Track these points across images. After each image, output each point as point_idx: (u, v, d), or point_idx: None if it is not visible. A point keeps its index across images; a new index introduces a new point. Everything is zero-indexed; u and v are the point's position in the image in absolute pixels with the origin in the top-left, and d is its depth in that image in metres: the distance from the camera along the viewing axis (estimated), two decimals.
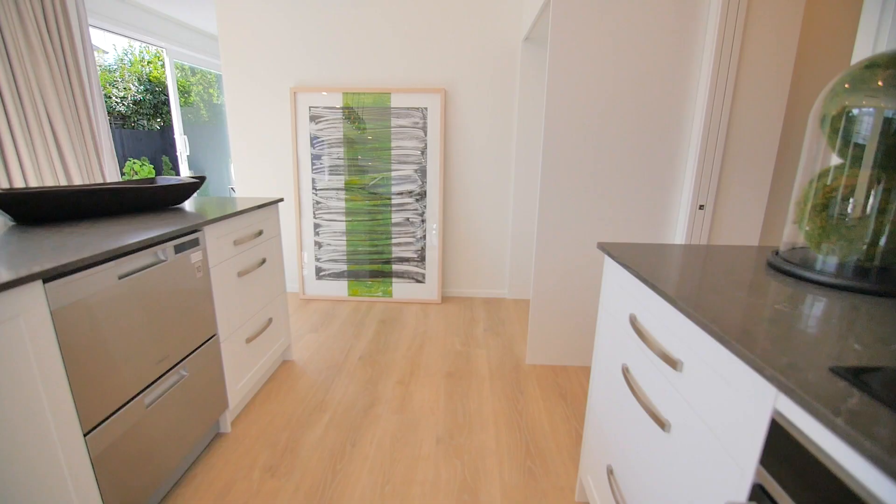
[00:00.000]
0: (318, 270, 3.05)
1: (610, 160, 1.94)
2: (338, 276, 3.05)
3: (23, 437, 0.87)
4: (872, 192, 0.81)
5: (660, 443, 0.85)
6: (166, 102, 6.55)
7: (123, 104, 6.37)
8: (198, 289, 1.43)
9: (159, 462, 1.27)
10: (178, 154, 5.32)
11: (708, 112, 1.78)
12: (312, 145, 2.90)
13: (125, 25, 3.71)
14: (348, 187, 2.94)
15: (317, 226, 3.00)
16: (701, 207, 1.89)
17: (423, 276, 3.01)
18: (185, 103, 6.16)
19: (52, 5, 2.71)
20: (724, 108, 1.78)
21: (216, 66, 5.35)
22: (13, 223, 1.39)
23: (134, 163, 6.02)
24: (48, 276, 0.91)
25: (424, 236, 2.97)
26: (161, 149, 6.60)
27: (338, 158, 2.90)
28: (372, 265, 3.03)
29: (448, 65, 2.78)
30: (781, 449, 0.52)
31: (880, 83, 0.80)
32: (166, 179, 1.77)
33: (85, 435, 1.01)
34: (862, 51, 1.10)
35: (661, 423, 0.82)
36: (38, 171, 2.60)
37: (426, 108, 2.81)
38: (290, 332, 2.22)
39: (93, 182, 2.89)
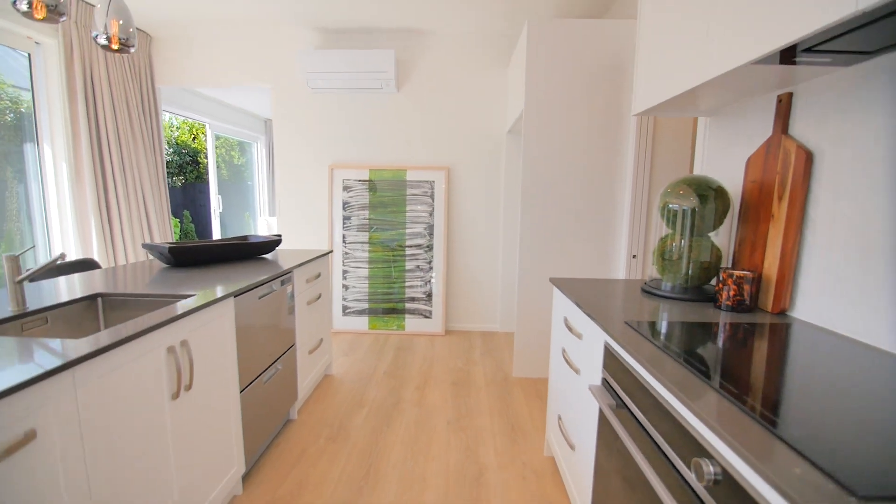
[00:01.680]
0: (345, 308, 3.74)
1: (569, 223, 2.71)
2: (360, 312, 3.73)
3: (218, 386, 1.54)
4: (682, 247, 1.55)
5: (576, 383, 1.53)
6: (190, 163, 7.38)
7: None
8: (288, 311, 2.14)
9: (265, 422, 1.91)
10: (211, 210, 6.13)
11: (633, 192, 2.59)
12: (344, 209, 3.69)
13: (184, 108, 4.61)
14: (371, 241, 3.70)
15: (345, 272, 3.73)
16: (634, 257, 2.65)
17: (430, 312, 3.70)
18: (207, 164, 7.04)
19: (149, 98, 3.57)
20: (644, 191, 2.58)
21: (248, 136, 6.29)
22: (166, 265, 2.11)
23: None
24: (236, 293, 1.62)
25: (431, 280, 3.69)
26: (182, 203, 7.38)
27: (363, 219, 3.68)
28: (388, 304, 3.72)
29: (451, 149, 3.64)
30: (609, 360, 1.23)
31: (681, 191, 1.57)
32: (258, 237, 2.51)
33: (241, 392, 1.68)
34: (697, 163, 1.88)
35: (576, 370, 1.51)
36: (131, 226, 3.35)
37: (433, 182, 3.63)
38: (332, 351, 2.88)
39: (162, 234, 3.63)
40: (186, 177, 7.67)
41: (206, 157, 7.20)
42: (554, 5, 3.00)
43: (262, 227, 6.77)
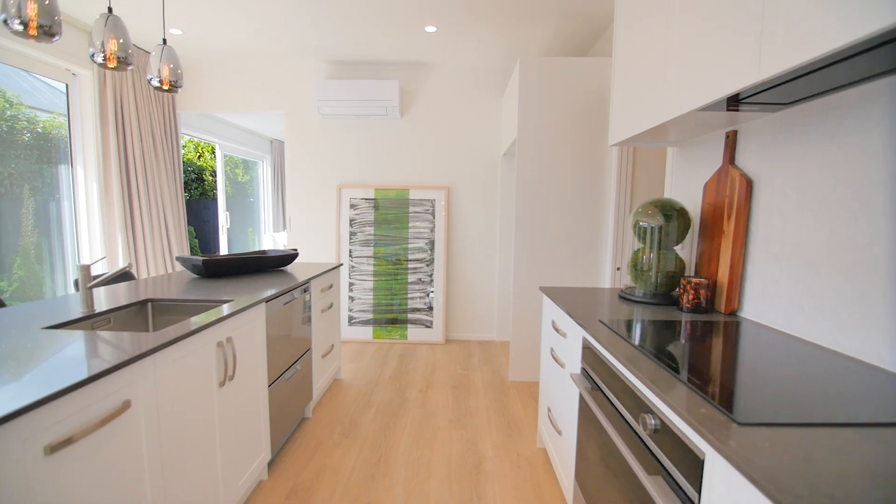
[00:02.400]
0: (350, 318, 3.97)
1: (559, 239, 2.98)
2: (365, 322, 3.96)
3: (252, 380, 1.78)
4: (651, 259, 1.81)
5: (562, 375, 1.77)
6: (195, 180, 7.60)
7: None
8: (306, 317, 2.37)
9: (286, 416, 2.13)
10: (219, 226, 6.37)
11: (615, 211, 2.86)
12: (350, 225, 3.95)
13: (196, 129, 4.90)
14: (376, 256, 3.95)
15: (351, 284, 3.97)
16: (618, 269, 2.91)
17: (431, 322, 3.94)
18: (215, 181, 7.30)
19: (170, 123, 3.85)
20: (626, 210, 2.86)
21: (254, 155, 6.58)
22: (197, 276, 2.35)
23: None
24: (267, 299, 1.87)
25: (430, 293, 3.93)
26: (187, 220, 7.59)
27: (369, 235, 3.94)
28: (391, 314, 3.95)
29: (450, 170, 3.93)
30: (586, 352, 1.47)
31: (649, 212, 1.83)
32: (276, 252, 2.76)
33: (269, 385, 1.91)
34: (667, 187, 2.16)
35: (562, 365, 1.76)
36: (153, 241, 3.59)
37: (434, 200, 3.90)
38: (340, 357, 3.10)
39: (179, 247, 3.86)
40: (191, 193, 7.93)
41: (211, 175, 7.47)
42: (543, 44, 3.32)
43: (268, 243, 7.01)
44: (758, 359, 1.10)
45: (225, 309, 1.59)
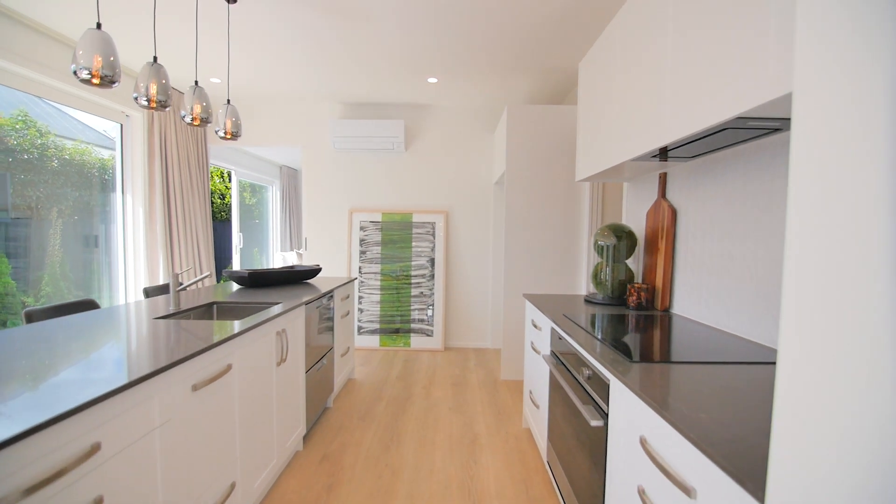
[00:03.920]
0: (359, 328, 4.44)
1: (543, 256, 3.50)
2: (373, 331, 4.43)
3: (295, 364, 2.25)
4: (607, 270, 2.33)
5: (538, 361, 2.26)
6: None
7: None
8: (329, 320, 2.85)
9: (316, 400, 2.59)
10: (232, 246, 6.83)
11: (589, 231, 3.39)
12: (360, 245, 4.46)
13: (216, 158, 5.43)
14: (382, 272, 4.44)
15: (360, 297, 4.45)
16: None
17: (432, 331, 4.41)
18: (223, 203, 7.80)
19: (202, 154, 4.38)
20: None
21: (265, 180, 7.12)
22: (240, 287, 2.84)
23: None
24: (307, 302, 2.36)
25: (432, 305, 4.42)
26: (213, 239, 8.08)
27: (376, 253, 4.45)
28: (396, 324, 4.43)
29: (449, 196, 4.47)
30: (553, 338, 1.97)
31: (605, 233, 2.35)
32: (303, 267, 3.25)
33: (306, 372, 2.38)
34: (623, 213, 2.68)
35: (538, 352, 2.25)
36: (188, 259, 4.07)
37: (434, 223, 4.43)
38: (354, 359, 3.56)
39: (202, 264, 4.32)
40: None
41: (220, 198, 7.98)
42: (527, 90, 3.91)
43: (278, 261, 7.47)
44: (665, 335, 1.60)
45: (277, 308, 2.08)
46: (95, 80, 1.68)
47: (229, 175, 7.52)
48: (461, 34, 2.85)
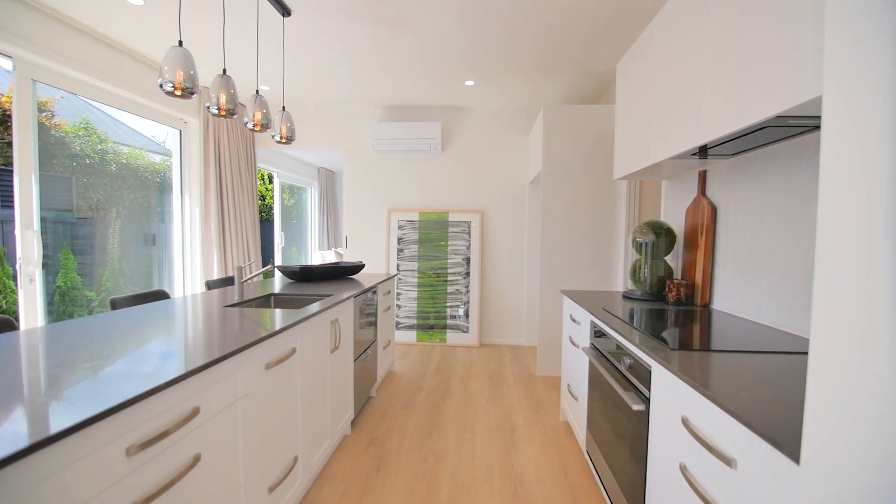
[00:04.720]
0: (397, 323, 4.59)
1: (579, 254, 3.54)
2: (409, 327, 4.58)
3: (346, 353, 2.41)
4: (645, 267, 2.37)
5: (577, 354, 2.33)
6: None
7: None
8: (373, 314, 3.01)
9: (362, 388, 2.75)
10: (274, 245, 7.12)
11: (626, 229, 3.41)
12: (398, 243, 4.61)
13: (260, 161, 5.71)
14: (419, 270, 4.58)
15: (398, 294, 4.61)
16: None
17: (467, 328, 4.52)
18: (264, 204, 8.12)
19: (250, 158, 4.64)
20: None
21: (304, 181, 7.41)
22: (291, 281, 3.03)
23: None
24: (354, 296, 2.51)
25: (468, 302, 4.53)
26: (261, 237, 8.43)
27: (414, 252, 4.59)
28: (432, 320, 4.56)
29: (484, 195, 4.57)
30: (593, 331, 2.04)
31: (644, 231, 2.40)
32: (348, 263, 3.42)
33: (354, 360, 2.54)
34: (662, 211, 2.71)
35: (577, 346, 2.31)
36: (239, 255, 4.33)
37: (470, 222, 4.54)
38: (394, 352, 3.71)
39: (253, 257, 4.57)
40: None
41: (260, 199, 8.31)
42: (563, 91, 3.96)
43: (318, 259, 7.74)
44: (705, 328, 1.65)
45: (331, 300, 2.24)
46: (178, 92, 1.87)
47: (270, 177, 7.86)
48: (498, 38, 2.95)
